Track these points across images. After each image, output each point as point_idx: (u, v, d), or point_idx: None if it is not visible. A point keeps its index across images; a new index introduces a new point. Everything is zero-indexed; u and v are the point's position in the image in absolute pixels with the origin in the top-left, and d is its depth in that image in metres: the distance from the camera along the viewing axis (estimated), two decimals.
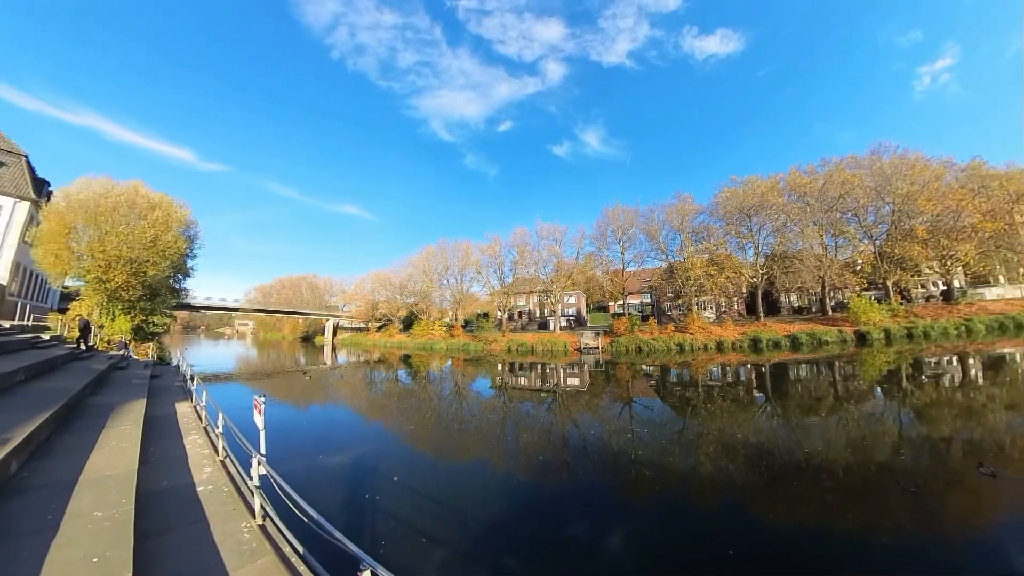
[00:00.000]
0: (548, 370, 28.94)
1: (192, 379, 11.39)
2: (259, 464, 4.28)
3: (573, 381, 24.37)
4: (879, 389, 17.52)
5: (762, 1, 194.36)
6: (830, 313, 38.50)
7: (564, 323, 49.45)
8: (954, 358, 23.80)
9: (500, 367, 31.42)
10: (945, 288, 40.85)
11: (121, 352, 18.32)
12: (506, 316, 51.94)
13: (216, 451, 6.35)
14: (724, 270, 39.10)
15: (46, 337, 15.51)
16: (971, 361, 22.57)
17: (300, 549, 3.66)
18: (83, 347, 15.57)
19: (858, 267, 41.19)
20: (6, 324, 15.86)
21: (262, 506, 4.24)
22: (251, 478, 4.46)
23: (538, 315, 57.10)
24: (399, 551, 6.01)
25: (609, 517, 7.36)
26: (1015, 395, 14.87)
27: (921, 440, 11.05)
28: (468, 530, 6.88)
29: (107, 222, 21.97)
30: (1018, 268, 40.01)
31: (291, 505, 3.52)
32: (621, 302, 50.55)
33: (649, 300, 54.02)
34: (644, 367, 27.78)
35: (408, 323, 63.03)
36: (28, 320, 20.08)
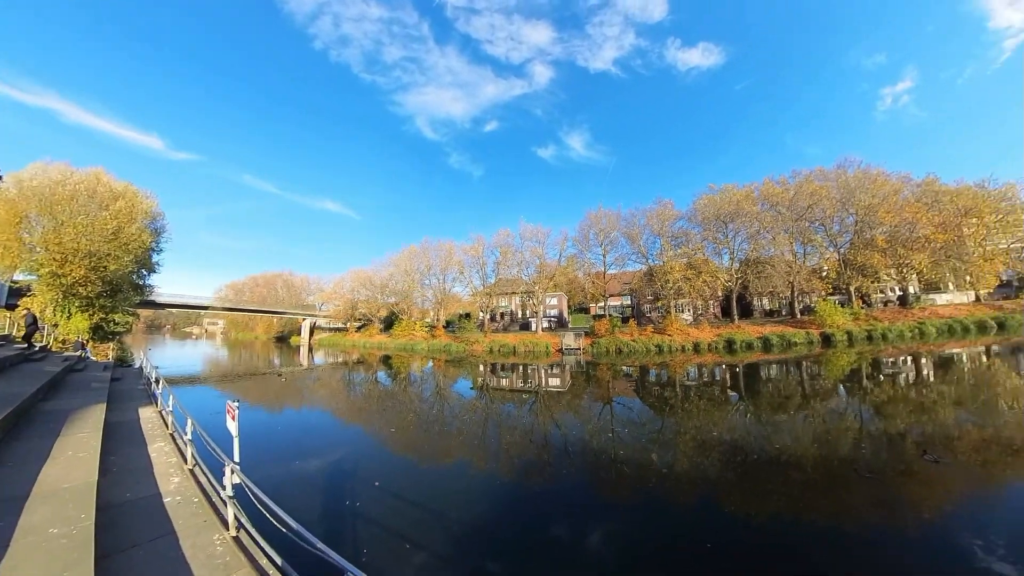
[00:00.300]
0: (530, 371, 29.03)
1: (157, 382, 10.78)
2: (232, 473, 4.07)
3: (555, 382, 24.54)
4: (841, 387, 18.48)
5: (741, 18, 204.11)
6: (799, 316, 40.30)
7: (546, 324, 49.77)
8: (908, 358, 25.36)
9: (482, 368, 31.30)
10: (901, 294, 43.38)
11: (78, 353, 17.15)
12: (488, 317, 51.82)
13: (184, 459, 6.02)
14: (701, 274, 40.42)
15: None
16: (923, 361, 24.12)
17: (278, 560, 3.52)
18: (30, 346, 14.47)
19: (824, 273, 43.35)
20: None
21: (236, 517, 4.04)
22: (224, 487, 4.23)
23: (520, 316, 57.25)
24: (382, 558, 5.89)
25: (591, 517, 7.45)
26: (961, 392, 16.10)
27: (878, 433, 11.80)
28: (451, 533, 6.81)
29: (64, 212, 20.54)
30: (965, 276, 42.75)
31: (267, 515, 3.36)
32: (602, 304, 51.34)
33: (629, 302, 55.06)
34: (624, 368, 28.27)
35: (389, 323, 61.97)
36: None
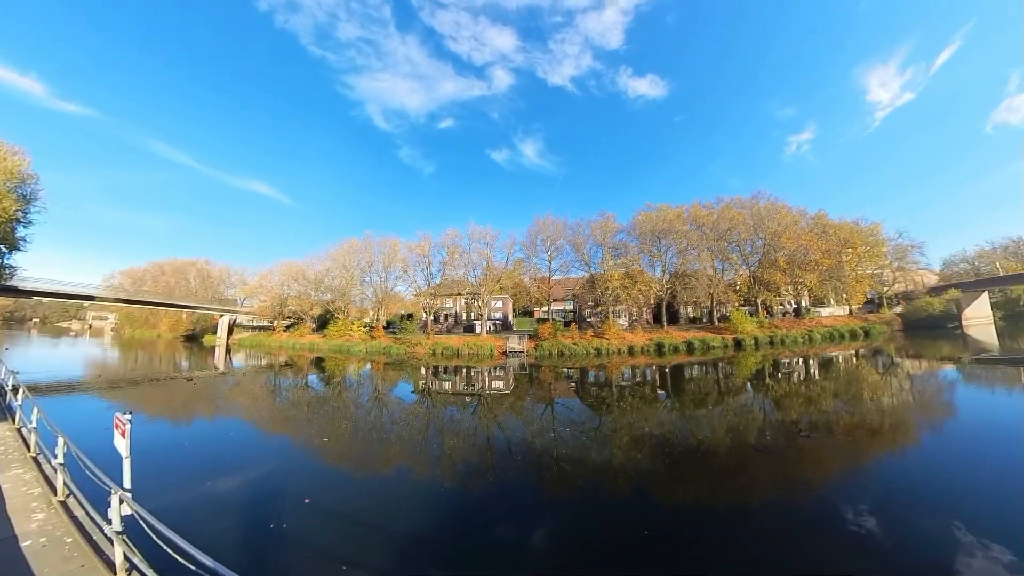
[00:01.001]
0: (474, 374, 28.86)
1: (16, 391, 8.86)
2: (122, 503, 3.40)
3: (498, 384, 24.67)
4: (749, 384, 21.20)
5: (685, 59, 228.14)
6: (716, 323, 45.14)
7: (491, 327, 49.88)
8: (800, 360, 29.77)
9: (424, 371, 30.44)
10: (796, 306, 51.35)
11: None
12: (432, 318, 50.59)
13: (53, 490, 4.95)
14: (637, 283, 43.65)
15: None
16: (811, 362, 28.49)
17: None
18: None
19: (738, 287, 49.32)
20: None
21: (127, 557, 3.36)
22: (110, 522, 3.49)
23: (465, 318, 56.68)
24: None
25: (535, 515, 7.63)
26: (837, 386, 19.64)
27: (776, 419, 13.94)
28: (392, 546, 6.51)
29: None
30: (842, 294, 52.20)
31: (169, 550, 2.84)
32: (546, 308, 52.76)
33: (572, 307, 57.29)
34: (565, 369, 29.33)
35: (323, 323, 57.54)
36: None
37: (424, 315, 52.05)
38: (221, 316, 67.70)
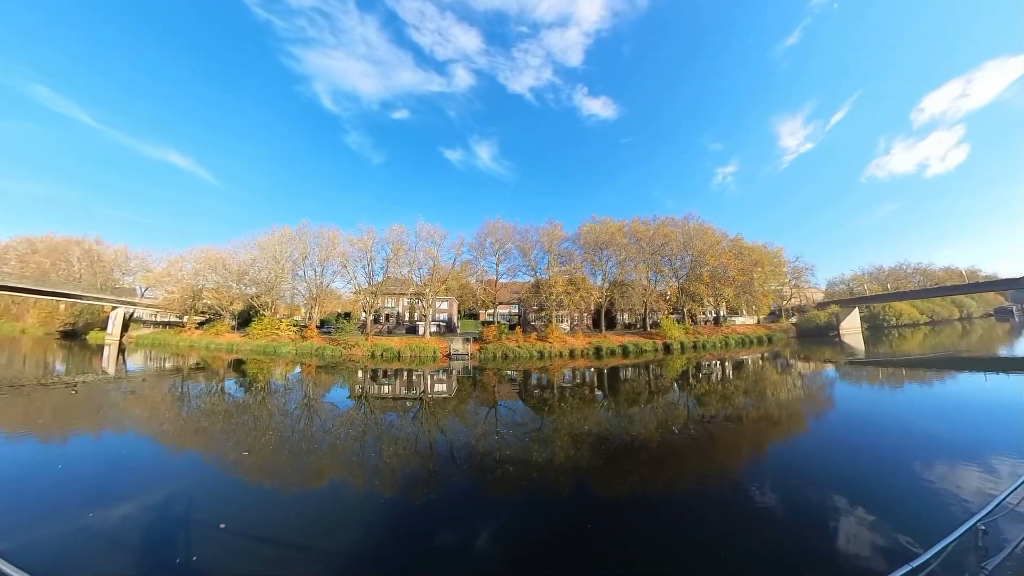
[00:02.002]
0: (415, 377, 27.96)
1: None
2: None
3: (441, 388, 24.17)
4: (675, 384, 23.35)
5: (634, 87, 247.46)
6: (649, 329, 48.83)
7: (435, 328, 48.75)
8: (718, 362, 33.29)
9: (361, 374, 28.81)
10: (716, 315, 57.90)
11: None
12: (372, 318, 48.03)
13: None
14: (579, 290, 45.72)
15: None
16: (727, 364, 31.99)
17: None
18: None
19: (668, 297, 54.00)
20: None
21: None
22: None
23: (408, 319, 54.76)
24: None
25: (479, 518, 7.60)
26: (747, 385, 22.35)
27: (697, 414, 15.51)
28: (326, 566, 6.05)
29: None
30: (752, 306, 60.09)
31: None
32: (492, 311, 52.96)
33: (517, 311, 58.16)
34: (509, 372, 29.61)
35: (245, 320, 51.76)
36: None
37: (364, 315, 49.21)
38: (114, 309, 57.68)
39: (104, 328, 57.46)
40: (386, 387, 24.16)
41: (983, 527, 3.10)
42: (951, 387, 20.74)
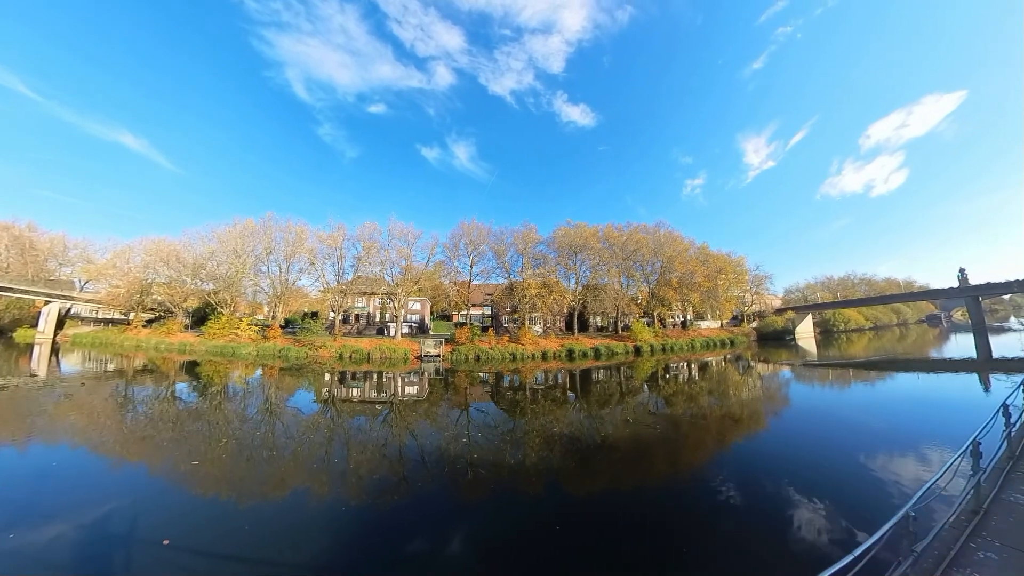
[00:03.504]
0: (385, 379, 27.14)
1: None
2: None
3: (412, 390, 23.59)
4: (645, 385, 23.96)
5: (612, 98, 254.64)
6: (620, 332, 49.97)
7: (406, 330, 47.68)
8: (684, 364, 34.49)
9: (329, 377, 27.64)
10: (683, 319, 60.22)
11: None
12: (341, 318, 46.28)
13: None
14: (553, 293, 46.15)
15: None
16: (693, 365, 33.19)
17: None
18: None
19: (639, 301, 55.57)
20: None
21: None
22: None
23: (378, 319, 53.26)
24: None
25: (450, 522, 7.39)
26: (711, 385, 23.32)
27: (665, 413, 16.06)
28: None
29: None
30: (716, 310, 63.03)
31: None
32: (465, 312, 52.47)
33: (490, 312, 57.92)
34: (482, 374, 29.33)
35: (201, 318, 48.45)
36: None
37: (332, 314, 47.37)
38: (47, 303, 52.36)
39: (35, 325, 52.10)
40: (355, 390, 23.28)
41: (913, 514, 3.38)
42: (890, 386, 22.51)
